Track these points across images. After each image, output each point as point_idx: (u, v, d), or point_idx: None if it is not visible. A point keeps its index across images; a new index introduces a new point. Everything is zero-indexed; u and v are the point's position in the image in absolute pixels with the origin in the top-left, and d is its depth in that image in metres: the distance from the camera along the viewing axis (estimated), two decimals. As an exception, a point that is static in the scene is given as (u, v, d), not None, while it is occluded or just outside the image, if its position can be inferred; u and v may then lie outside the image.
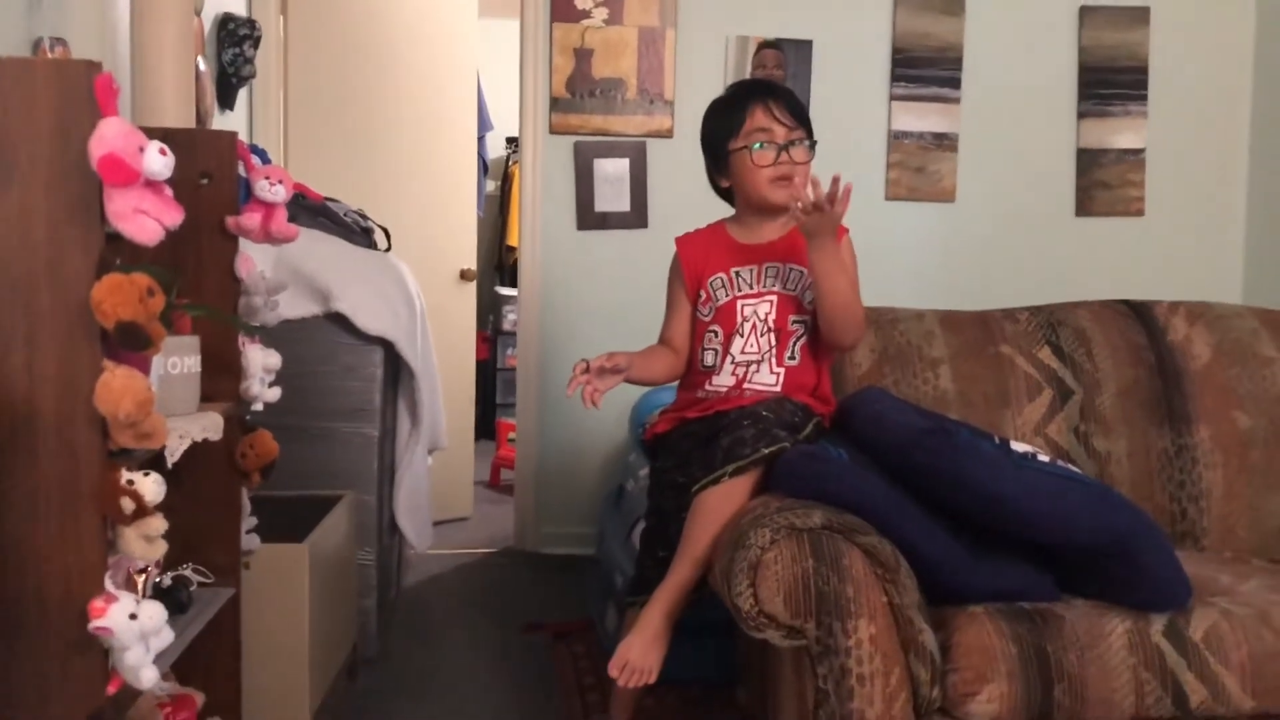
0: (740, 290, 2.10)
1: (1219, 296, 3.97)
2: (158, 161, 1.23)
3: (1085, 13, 4.00)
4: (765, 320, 2.08)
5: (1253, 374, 2.33)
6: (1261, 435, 2.27)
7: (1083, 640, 1.66)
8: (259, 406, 1.97)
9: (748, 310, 2.09)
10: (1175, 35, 4.04)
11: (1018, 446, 1.86)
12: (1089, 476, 1.95)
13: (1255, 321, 2.42)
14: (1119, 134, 4.03)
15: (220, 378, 1.86)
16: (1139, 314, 2.44)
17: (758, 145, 2.05)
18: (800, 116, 2.10)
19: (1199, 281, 4.04)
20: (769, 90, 2.12)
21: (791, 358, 2.08)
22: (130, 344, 1.26)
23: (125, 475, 1.30)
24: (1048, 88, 4.03)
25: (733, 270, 2.12)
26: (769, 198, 2.07)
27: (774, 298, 2.09)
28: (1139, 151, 4.05)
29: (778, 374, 2.06)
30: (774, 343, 2.07)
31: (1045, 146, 4.04)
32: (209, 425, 1.67)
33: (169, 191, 1.29)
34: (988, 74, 3.99)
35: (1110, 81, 4.02)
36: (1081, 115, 4.03)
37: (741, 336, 2.08)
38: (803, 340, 2.09)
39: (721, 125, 2.12)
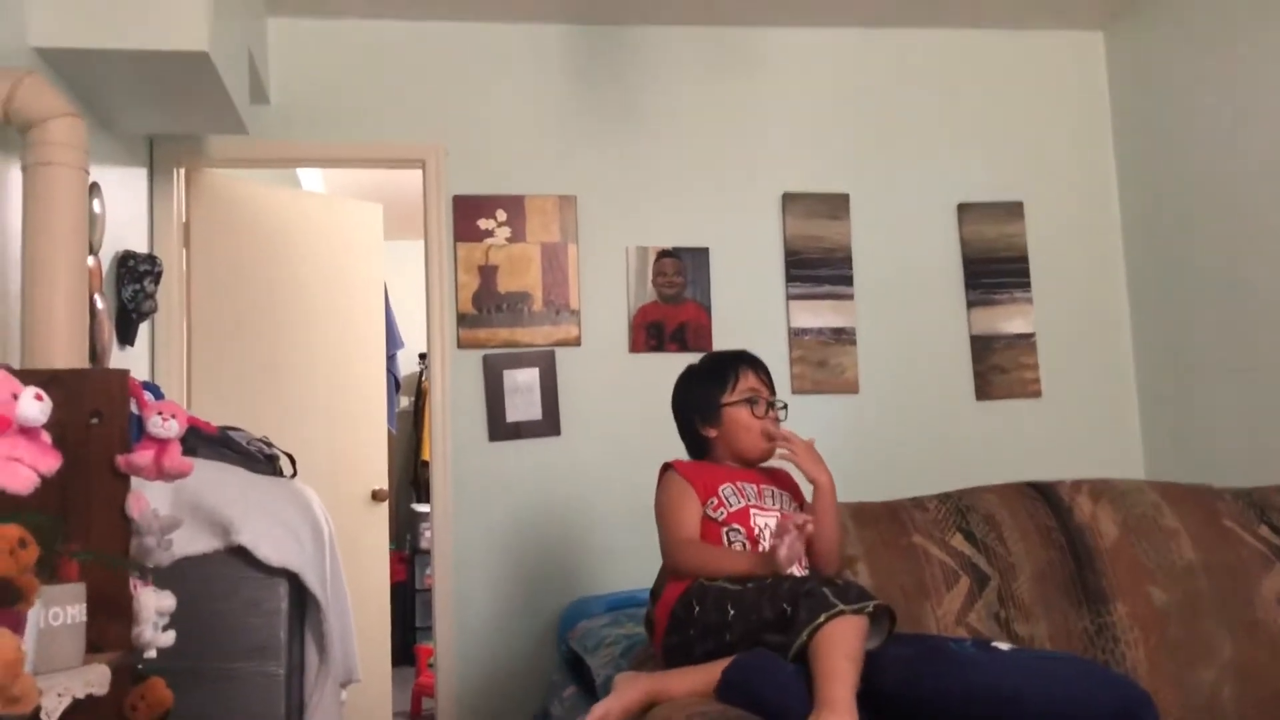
0: (750, 499, 2.23)
1: (1121, 470, 4.09)
2: (33, 408, 1.20)
3: (962, 209, 4.24)
4: (774, 533, 2.19)
5: (1159, 547, 2.36)
6: (1177, 609, 2.28)
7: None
8: (152, 653, 1.86)
9: (759, 520, 2.21)
10: (1049, 225, 4.29)
11: (998, 644, 1.87)
12: (1074, 654, 1.95)
13: (1155, 495, 2.47)
14: (1008, 320, 4.21)
15: (110, 624, 1.76)
16: (1044, 495, 2.48)
17: (751, 401, 2.32)
18: (773, 385, 2.41)
19: (1101, 457, 4.15)
20: (754, 359, 2.43)
21: (806, 568, 2.21)
22: (-1, 601, 1.19)
23: (-9, 745, 1.20)
24: (936, 279, 4.22)
25: (738, 482, 2.27)
26: (757, 447, 2.31)
27: (778, 514, 2.23)
28: (1029, 336, 4.21)
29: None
30: None
31: (940, 335, 4.19)
32: (94, 679, 1.57)
33: (46, 437, 1.26)
34: (877, 270, 4.17)
35: (994, 271, 4.22)
36: (971, 304, 4.21)
37: (764, 545, 2.17)
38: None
39: (713, 384, 2.36)
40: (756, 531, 2.18)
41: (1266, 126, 3.57)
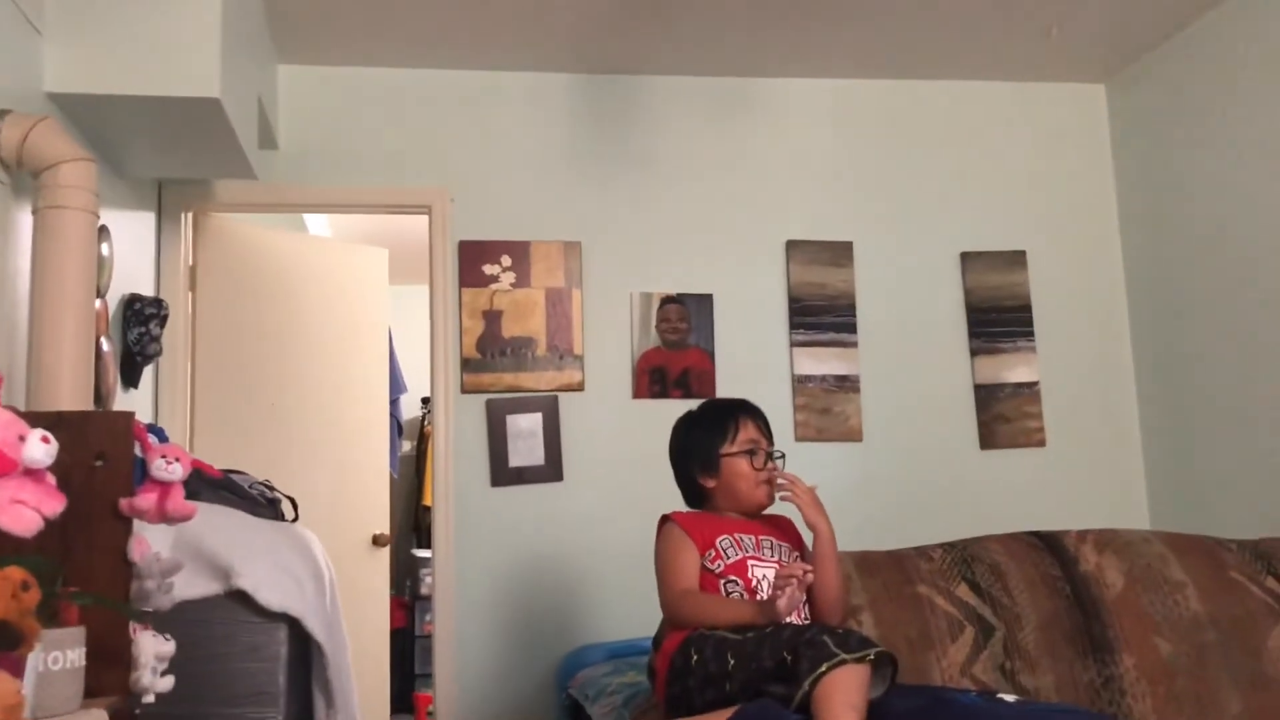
0: (748, 551, 2.23)
1: (1126, 520, 4.08)
2: (38, 449, 1.20)
3: (966, 257, 4.26)
4: (772, 584, 2.18)
5: (1165, 599, 2.34)
6: (1184, 662, 2.26)
7: None
8: (150, 698, 1.85)
9: (757, 572, 2.20)
10: (1052, 274, 4.31)
11: (1005, 697, 1.85)
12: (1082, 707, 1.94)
13: (1161, 546, 2.46)
14: (1012, 369, 4.21)
15: (108, 669, 1.75)
16: (1049, 545, 2.47)
17: (751, 452, 2.31)
18: (771, 434, 2.40)
19: (1106, 506, 4.14)
20: (754, 409, 2.41)
21: (805, 617, 2.20)
22: (0, 644, 1.18)
23: (-12, 791, 1.19)
24: (939, 328, 4.22)
25: (736, 534, 2.26)
26: (756, 497, 2.31)
27: (776, 565, 2.22)
28: (1033, 385, 4.21)
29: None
30: None
31: (944, 383, 4.19)
32: (90, 725, 1.56)
33: (51, 479, 1.26)
34: (881, 318, 4.18)
35: (997, 320, 4.23)
36: (974, 352, 4.21)
37: (761, 596, 2.16)
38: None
39: (713, 434, 2.35)
40: (754, 583, 2.17)
41: (1266, 178, 3.60)
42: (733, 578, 2.17)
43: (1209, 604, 2.35)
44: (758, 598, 2.13)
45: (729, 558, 2.19)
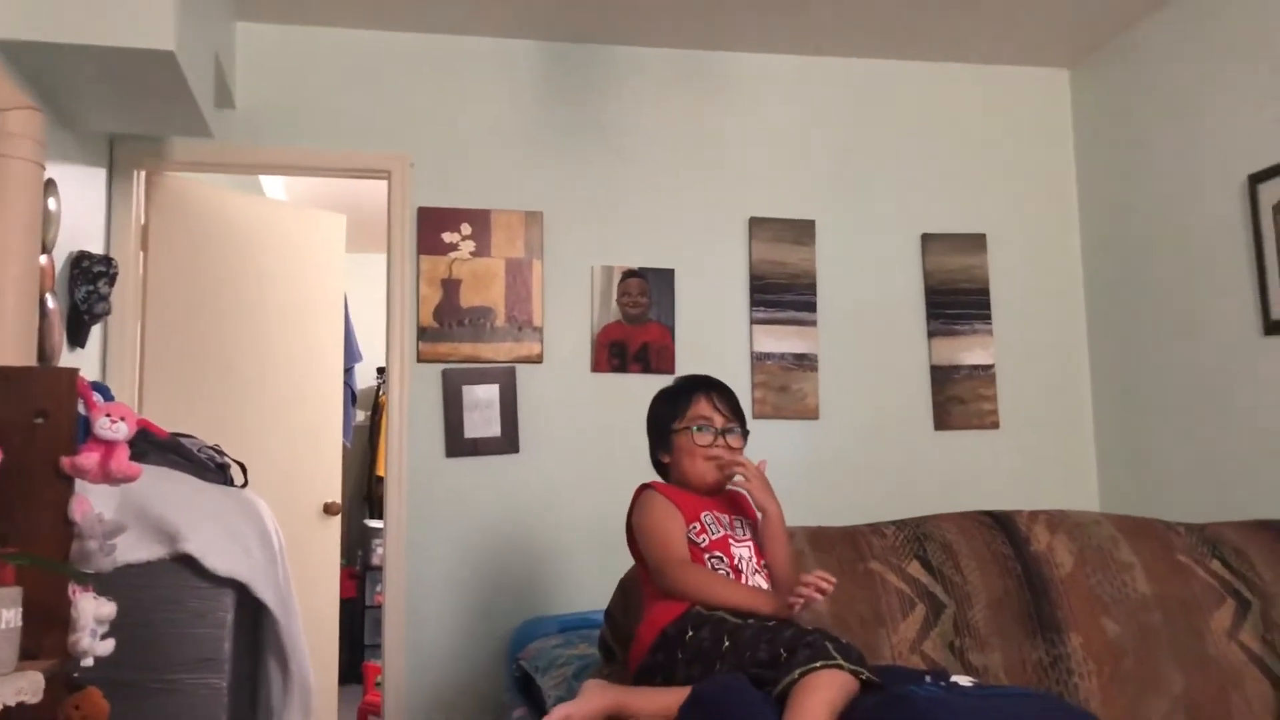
0: (725, 529, 2.22)
1: (1076, 503, 4.13)
2: (-26, 401, 1.15)
3: (926, 239, 4.27)
4: (751, 562, 2.20)
5: (1114, 579, 2.37)
6: (1130, 642, 2.29)
7: None
8: (89, 661, 1.81)
9: (735, 550, 2.19)
10: (1010, 258, 4.33)
11: (959, 680, 1.85)
12: (1035, 689, 1.95)
13: (1112, 528, 2.49)
14: (968, 351, 4.23)
15: (46, 631, 1.71)
16: (1002, 524, 2.48)
17: (698, 428, 2.28)
18: (736, 411, 2.35)
19: (1057, 488, 4.18)
20: (712, 384, 2.38)
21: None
22: (-70, 601, 1.14)
23: (-86, 752, 1.15)
24: (898, 309, 4.23)
25: (714, 512, 2.25)
26: (702, 474, 2.28)
27: (751, 543, 2.23)
28: (988, 367, 4.24)
29: None
30: (765, 581, 2.19)
31: (901, 364, 4.21)
32: (26, 687, 1.52)
33: (-13, 433, 1.21)
34: (840, 298, 4.18)
35: (955, 302, 4.24)
36: (931, 334, 4.22)
37: (744, 575, 2.16)
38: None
39: (669, 409, 2.36)
40: (737, 560, 2.17)
41: (1224, 165, 3.63)
42: (718, 554, 2.16)
43: (1156, 585, 2.38)
44: (742, 577, 2.13)
45: (713, 533, 2.19)
